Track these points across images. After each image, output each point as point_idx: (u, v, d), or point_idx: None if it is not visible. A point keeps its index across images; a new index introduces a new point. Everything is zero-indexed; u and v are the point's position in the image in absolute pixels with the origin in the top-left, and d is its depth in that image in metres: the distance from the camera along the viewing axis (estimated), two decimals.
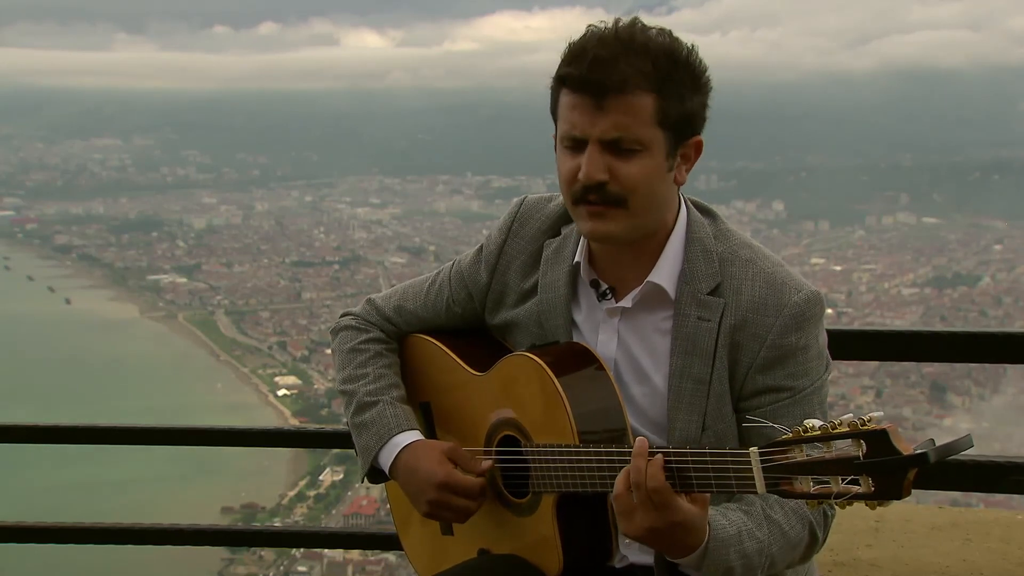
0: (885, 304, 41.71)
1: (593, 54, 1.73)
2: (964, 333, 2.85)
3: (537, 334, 1.97)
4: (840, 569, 2.87)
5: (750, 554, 1.71)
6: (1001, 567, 2.86)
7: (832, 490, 1.43)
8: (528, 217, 2.03)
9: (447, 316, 2.12)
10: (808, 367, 1.82)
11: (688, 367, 1.83)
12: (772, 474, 1.50)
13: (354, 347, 2.13)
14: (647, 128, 1.75)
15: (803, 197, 63.93)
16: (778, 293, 1.81)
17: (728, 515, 1.72)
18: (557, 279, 1.95)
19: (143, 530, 3.49)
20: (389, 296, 2.19)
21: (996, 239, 54.57)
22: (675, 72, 1.75)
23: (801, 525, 1.78)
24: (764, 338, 1.80)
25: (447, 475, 1.92)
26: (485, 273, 2.05)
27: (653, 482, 1.61)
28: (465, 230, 57.42)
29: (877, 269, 47.85)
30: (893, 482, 1.40)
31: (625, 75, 1.71)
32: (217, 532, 3.85)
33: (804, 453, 1.46)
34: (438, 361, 2.10)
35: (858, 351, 2.99)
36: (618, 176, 1.76)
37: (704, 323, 1.83)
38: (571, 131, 1.77)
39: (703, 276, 1.85)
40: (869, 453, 1.41)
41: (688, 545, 1.66)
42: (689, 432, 1.83)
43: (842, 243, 55.41)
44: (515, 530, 1.95)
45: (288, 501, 27.96)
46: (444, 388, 2.09)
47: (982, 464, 2.76)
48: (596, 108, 1.74)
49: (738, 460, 1.54)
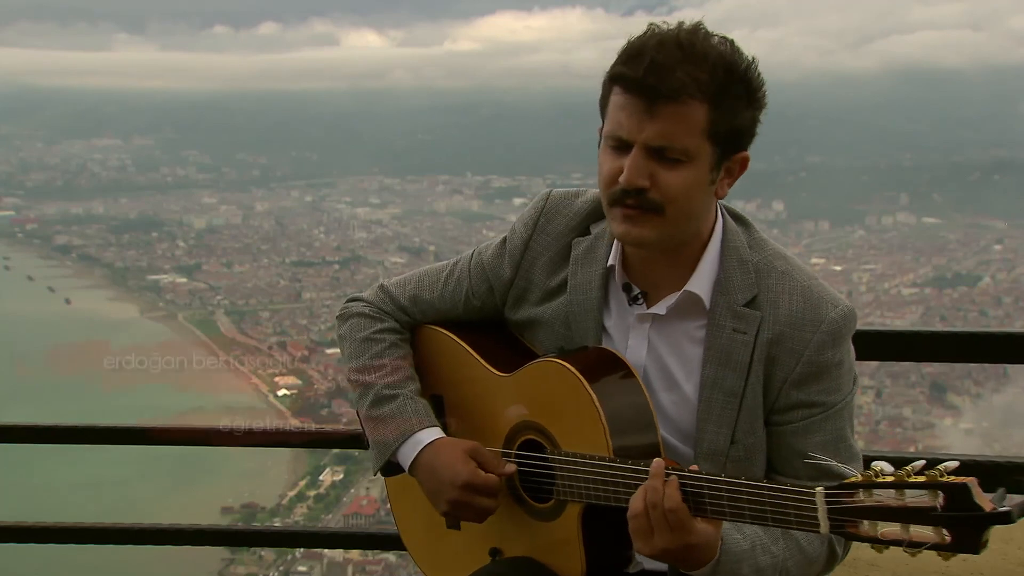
0: (885, 304, 41.62)
1: (651, 57, 1.70)
2: (964, 333, 2.86)
3: (563, 335, 1.96)
4: (840, 569, 2.85)
5: (763, 568, 1.71)
6: (1001, 567, 2.85)
7: (903, 537, 1.44)
8: (555, 213, 2.01)
9: (465, 308, 2.10)
10: (841, 382, 1.82)
11: (720, 378, 1.82)
12: (837, 516, 1.49)
13: (369, 336, 2.10)
14: (695, 139, 1.72)
15: (803, 197, 63.83)
16: (816, 308, 1.81)
17: (744, 529, 1.71)
18: (589, 281, 1.93)
19: (143, 530, 3.49)
20: (404, 284, 2.15)
21: (996, 239, 54.45)
22: (731, 84, 1.72)
23: (820, 542, 1.78)
24: (801, 353, 1.79)
25: (471, 474, 1.91)
26: (509, 268, 2.02)
27: (670, 503, 1.61)
28: (465, 230, 57.34)
29: (877, 269, 47.76)
30: (972, 537, 1.40)
31: (680, 83, 1.68)
32: (217, 532, 3.85)
33: (873, 497, 1.45)
34: (457, 356, 2.07)
35: (858, 351, 2.98)
36: (659, 184, 1.74)
37: (740, 335, 1.81)
38: (617, 131, 1.75)
39: (739, 287, 1.83)
40: (947, 506, 1.40)
41: (700, 560, 1.66)
42: (717, 444, 1.82)
43: (842, 243, 55.31)
44: (533, 533, 1.94)
45: (288, 501, 27.90)
46: (460, 383, 2.07)
47: (982, 464, 2.76)
48: (646, 113, 1.71)
49: (803, 498, 1.52)
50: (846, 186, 66.27)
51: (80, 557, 18.16)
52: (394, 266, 50.68)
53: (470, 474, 1.89)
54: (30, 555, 7.12)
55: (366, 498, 26.30)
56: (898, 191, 64.63)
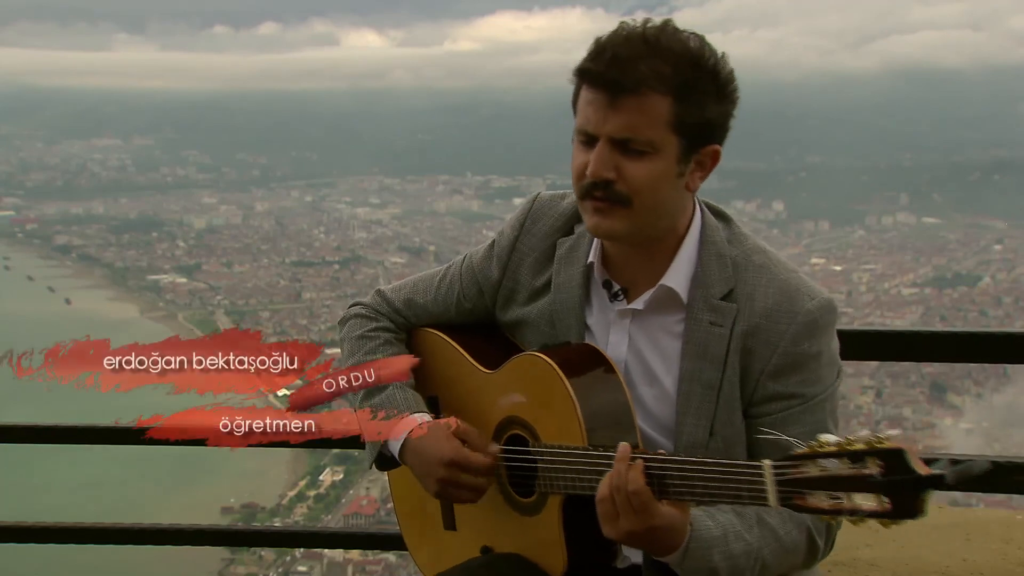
0: (885, 304, 41.65)
1: (613, 52, 1.73)
2: (964, 333, 2.85)
3: (548, 333, 1.97)
4: (840, 569, 2.87)
5: (736, 555, 1.71)
6: (1001, 567, 2.86)
7: (845, 506, 1.44)
8: (541, 214, 2.03)
9: (457, 311, 2.12)
10: (820, 374, 1.82)
11: (698, 371, 1.83)
12: (785, 488, 1.50)
13: (363, 334, 2.14)
14: (659, 131, 1.74)
15: (803, 197, 63.87)
16: (791, 300, 1.81)
17: (716, 516, 1.72)
18: (571, 279, 1.95)
19: (143, 530, 3.49)
20: (399, 288, 2.18)
21: (996, 239, 54.48)
22: (698, 78, 1.74)
23: (798, 531, 1.78)
24: (777, 345, 1.80)
25: (455, 451, 1.91)
26: (496, 269, 2.05)
27: (633, 486, 1.62)
28: (465, 230, 57.37)
29: (877, 269, 47.78)
30: (909, 501, 1.41)
31: (642, 76, 1.71)
32: (217, 532, 3.85)
33: (819, 468, 1.47)
34: (447, 356, 2.10)
35: (858, 351, 2.99)
36: (625, 176, 1.76)
37: (716, 328, 1.82)
38: (584, 126, 1.78)
39: (716, 280, 1.84)
40: (886, 472, 1.42)
41: (668, 546, 1.67)
42: (696, 436, 1.83)
43: (842, 243, 55.34)
44: (519, 529, 1.95)
45: (288, 501, 27.91)
46: (452, 383, 2.09)
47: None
48: (609, 106, 1.74)
49: (751, 472, 1.54)
50: (846, 186, 66.31)
51: (80, 557, 18.19)
52: (394, 266, 50.72)
53: (454, 451, 1.90)
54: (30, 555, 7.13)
55: (366, 498, 26.33)
56: (898, 191, 64.68)
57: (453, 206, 67.50)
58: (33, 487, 24.76)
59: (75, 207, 66.01)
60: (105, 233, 59.42)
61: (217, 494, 27.74)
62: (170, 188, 72.71)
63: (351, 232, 59.39)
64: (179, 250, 55.81)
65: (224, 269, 51.69)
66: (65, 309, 49.55)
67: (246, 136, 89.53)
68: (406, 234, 59.82)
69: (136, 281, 52.77)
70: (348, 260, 52.86)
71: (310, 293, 48.41)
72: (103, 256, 56.39)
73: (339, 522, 25.20)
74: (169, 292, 50.05)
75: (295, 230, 59.17)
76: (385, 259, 53.08)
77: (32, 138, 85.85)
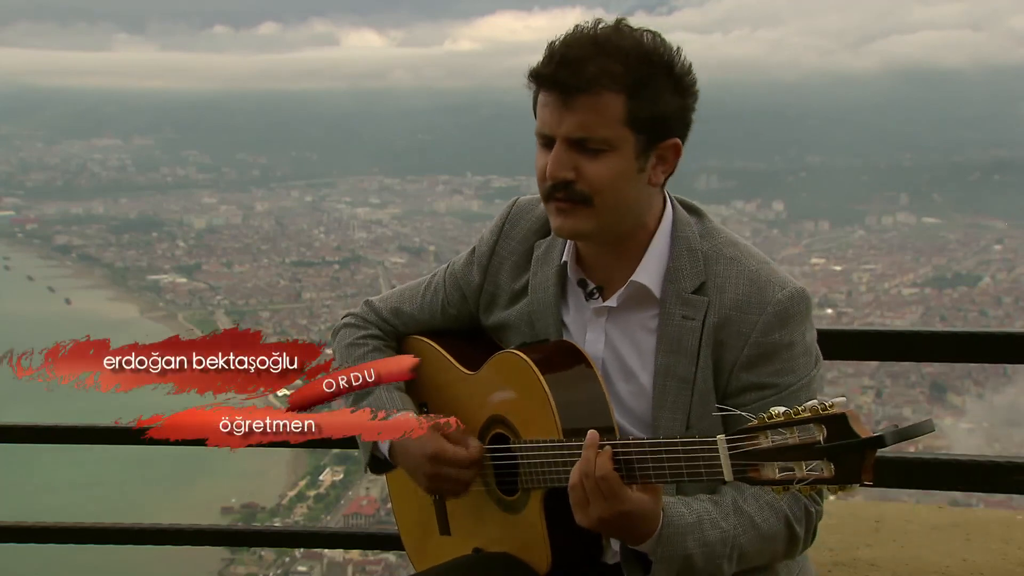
0: (885, 304, 41.66)
1: (561, 53, 1.75)
2: (964, 333, 2.86)
3: (528, 334, 2.00)
4: (840, 569, 2.87)
5: (712, 542, 1.72)
6: (1001, 567, 2.86)
7: (796, 476, 1.44)
8: (519, 218, 2.05)
9: (443, 318, 2.15)
10: (794, 364, 1.82)
11: (672, 366, 1.84)
12: (739, 461, 1.51)
13: (353, 342, 2.17)
14: (614, 128, 1.75)
15: (803, 197, 63.88)
16: (761, 291, 1.82)
17: (691, 504, 1.74)
18: (546, 279, 1.97)
19: (143, 530, 3.50)
20: (387, 298, 2.22)
21: (996, 239, 54.50)
22: (651, 74, 1.75)
23: (776, 519, 1.78)
24: (748, 336, 1.81)
25: (436, 445, 1.94)
26: (477, 274, 2.08)
27: (601, 471, 1.63)
28: (465, 230, 57.36)
29: (877, 269, 47.79)
30: (852, 466, 1.42)
31: (592, 75, 1.73)
32: (217, 532, 3.85)
33: (770, 439, 1.47)
34: (433, 361, 2.12)
35: (858, 351, 3.00)
36: (584, 175, 1.78)
37: (688, 322, 1.84)
38: (542, 128, 1.80)
39: (687, 275, 1.86)
40: (829, 437, 1.43)
41: (640, 533, 1.68)
42: (673, 429, 1.84)
43: (842, 243, 55.35)
44: (506, 528, 1.96)
45: (288, 501, 27.93)
46: (439, 387, 2.11)
47: (982, 464, 2.77)
48: (563, 107, 1.75)
49: (706, 447, 1.56)
50: (846, 186, 66.31)
51: (80, 557, 18.19)
52: (394, 266, 50.73)
53: (435, 445, 1.93)
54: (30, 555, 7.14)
55: (366, 498, 26.34)
56: (898, 191, 64.68)
57: (453, 206, 67.51)
58: (33, 487, 24.78)
59: (75, 207, 66.02)
60: (105, 233, 59.42)
61: (217, 494, 27.74)
62: (170, 188, 72.71)
63: (351, 232, 59.40)
64: (179, 250, 55.82)
65: (224, 269, 51.69)
66: (65, 309, 49.55)
67: (246, 136, 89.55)
68: (406, 234, 59.83)
69: (136, 281, 52.78)
70: (348, 260, 52.88)
71: (310, 293, 48.42)
72: (103, 256, 56.39)
73: (339, 522, 25.21)
74: (169, 292, 50.06)
75: (295, 230, 59.18)
76: (385, 259, 53.10)
77: (32, 138, 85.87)
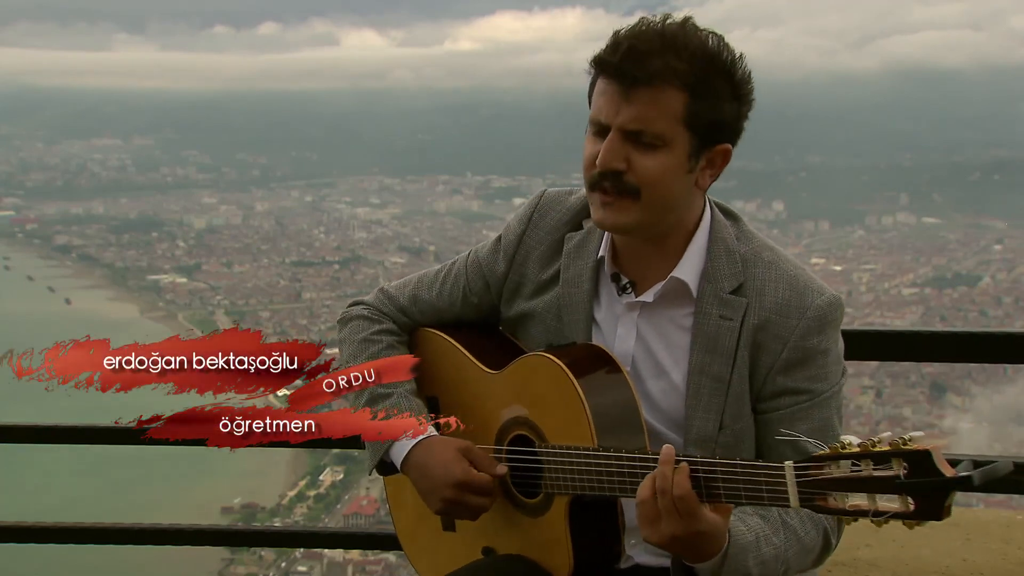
0: (885, 304, 41.62)
1: (628, 44, 1.73)
2: (964, 333, 2.86)
3: (554, 327, 1.97)
4: (840, 569, 2.87)
5: (767, 560, 1.71)
6: (1001, 567, 2.86)
7: (869, 508, 1.44)
8: (548, 208, 2.04)
9: (463, 306, 2.12)
10: (828, 371, 1.83)
11: (708, 364, 1.83)
12: (807, 489, 1.50)
13: (367, 337, 2.12)
14: (671, 125, 1.75)
15: (803, 197, 63.83)
16: (801, 295, 1.83)
17: (747, 520, 1.72)
18: (580, 273, 1.95)
19: (143, 530, 3.49)
20: (404, 285, 2.18)
21: (996, 239, 54.43)
22: (713, 76, 1.75)
23: (816, 531, 1.79)
24: (787, 339, 1.81)
25: (464, 473, 1.91)
26: (503, 263, 2.05)
27: (679, 490, 1.60)
28: (465, 230, 57.32)
29: (877, 269, 47.74)
30: (935, 503, 1.41)
31: (656, 69, 1.72)
32: (217, 532, 3.85)
33: (841, 469, 1.46)
34: (451, 357, 2.09)
35: (858, 351, 2.99)
36: (635, 167, 1.77)
37: (726, 322, 1.83)
38: (597, 116, 1.79)
39: (726, 275, 1.85)
40: (911, 473, 1.42)
41: (708, 551, 1.65)
42: (706, 430, 1.83)
43: (842, 243, 55.30)
44: (523, 530, 1.94)
45: (288, 501, 27.91)
46: (454, 383, 2.08)
47: (982, 464, 2.76)
48: (623, 97, 1.74)
49: (772, 473, 1.54)
50: (846, 186, 66.27)
51: (80, 557, 18.18)
52: (394, 266, 50.70)
53: (463, 472, 1.90)
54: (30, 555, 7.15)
55: (366, 498, 26.31)
56: (898, 191, 64.63)
57: (453, 206, 67.46)
58: (33, 487, 24.76)
59: (75, 207, 65.98)
60: (105, 233, 59.38)
61: (217, 494, 27.72)
62: (170, 188, 72.67)
63: (351, 232, 59.36)
64: (179, 250, 55.78)
65: (224, 269, 51.67)
66: (65, 309, 49.53)
67: (246, 136, 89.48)
68: (406, 234, 59.79)
69: (136, 281, 52.75)
70: (348, 260, 52.84)
71: (310, 293, 48.39)
72: (103, 256, 56.36)
73: (339, 522, 25.19)
74: (169, 292, 50.04)
75: (295, 230, 59.14)
76: (385, 259, 53.06)
77: (32, 138, 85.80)
